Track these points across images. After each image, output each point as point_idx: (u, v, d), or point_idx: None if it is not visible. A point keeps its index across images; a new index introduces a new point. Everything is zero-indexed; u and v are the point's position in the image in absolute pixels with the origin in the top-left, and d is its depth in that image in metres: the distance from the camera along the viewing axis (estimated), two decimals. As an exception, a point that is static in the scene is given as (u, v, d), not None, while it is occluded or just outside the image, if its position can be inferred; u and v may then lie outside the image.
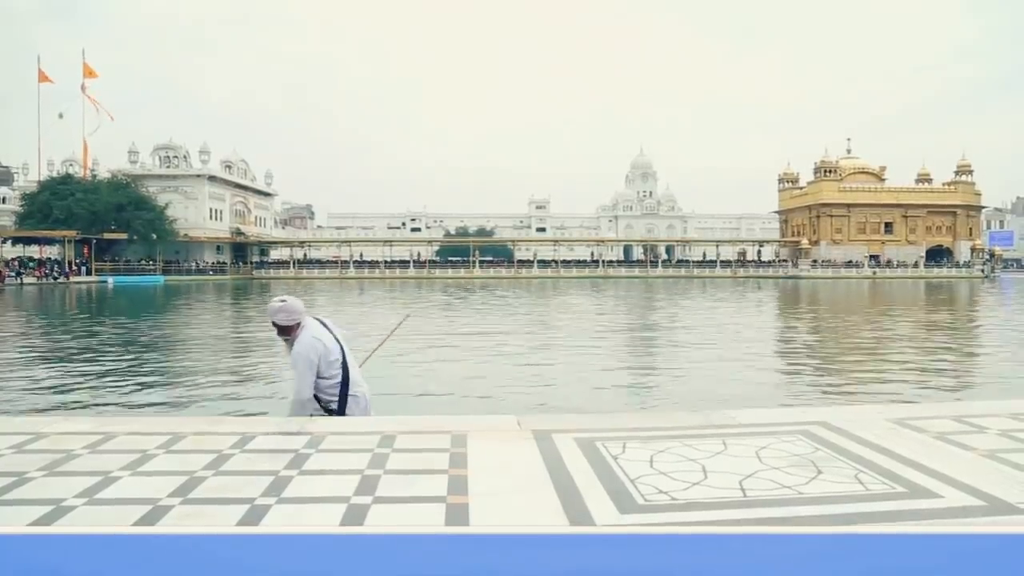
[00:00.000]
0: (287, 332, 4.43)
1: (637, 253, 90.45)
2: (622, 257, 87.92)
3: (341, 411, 4.41)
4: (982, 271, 72.97)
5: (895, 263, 74.92)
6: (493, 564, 1.94)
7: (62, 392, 8.68)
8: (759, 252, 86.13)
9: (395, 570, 1.87)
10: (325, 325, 4.52)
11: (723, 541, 2.16)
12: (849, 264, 73.88)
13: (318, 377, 4.34)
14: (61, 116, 66.49)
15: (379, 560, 1.97)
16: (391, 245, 79.97)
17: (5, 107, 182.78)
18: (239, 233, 75.91)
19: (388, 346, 6.67)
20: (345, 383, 4.40)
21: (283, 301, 4.44)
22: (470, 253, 77.41)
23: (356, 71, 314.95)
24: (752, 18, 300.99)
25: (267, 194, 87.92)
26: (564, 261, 77.46)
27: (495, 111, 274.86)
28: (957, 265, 75.10)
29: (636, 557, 2.00)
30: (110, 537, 2.28)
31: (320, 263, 75.64)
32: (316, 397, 4.40)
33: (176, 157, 72.23)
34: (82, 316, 23.60)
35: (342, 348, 4.43)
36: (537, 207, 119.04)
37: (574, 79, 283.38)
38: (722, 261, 77.22)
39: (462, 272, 72.01)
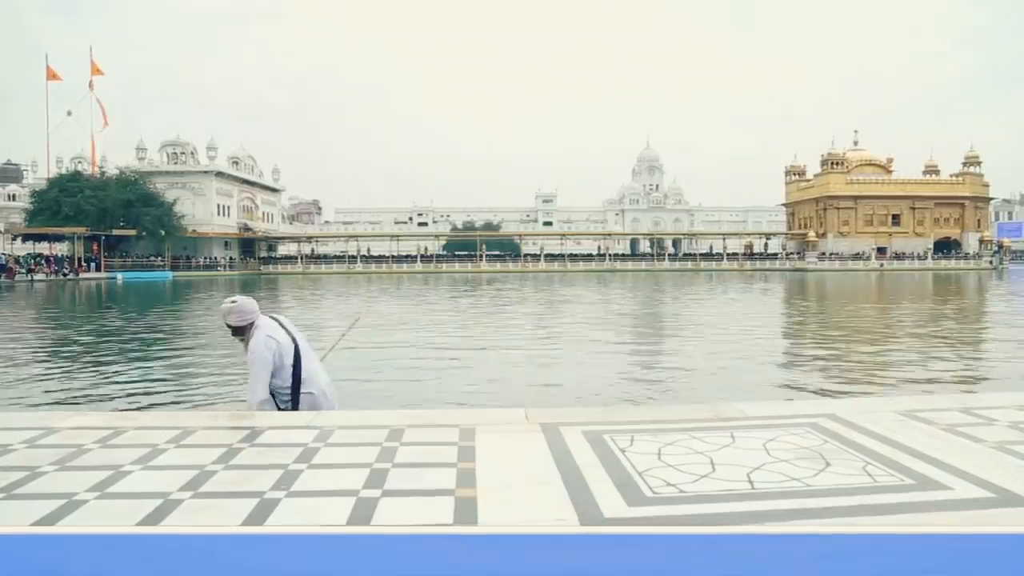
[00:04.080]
0: (241, 332, 4.44)
1: (644, 246, 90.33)
2: (628, 251, 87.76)
3: (294, 410, 4.40)
4: (990, 263, 72.55)
5: (903, 255, 74.55)
6: (499, 563, 1.95)
7: (73, 387, 8.73)
8: (766, 245, 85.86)
9: (402, 570, 1.88)
10: (280, 323, 4.51)
11: (729, 541, 2.17)
12: (856, 257, 73.53)
13: (273, 376, 4.34)
14: (70, 114, 66.79)
15: (386, 560, 1.97)
16: (398, 240, 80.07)
17: (14, 105, 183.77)
18: (247, 229, 76.14)
19: (392, 339, 6.66)
20: (296, 382, 4.38)
21: (234, 302, 4.43)
22: (477, 247, 77.49)
23: (362, 66, 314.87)
24: (756, 9, 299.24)
25: (274, 190, 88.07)
26: (571, 255, 77.39)
27: (501, 105, 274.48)
28: (965, 257, 74.66)
29: (642, 557, 2.00)
30: (111, 537, 2.30)
31: (328, 258, 75.77)
32: (272, 395, 4.40)
33: (183, 153, 72.41)
34: (94, 312, 23.73)
35: (296, 346, 4.41)
36: (544, 201, 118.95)
37: (580, 72, 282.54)
38: (729, 254, 77.03)
39: (469, 266, 72.08)
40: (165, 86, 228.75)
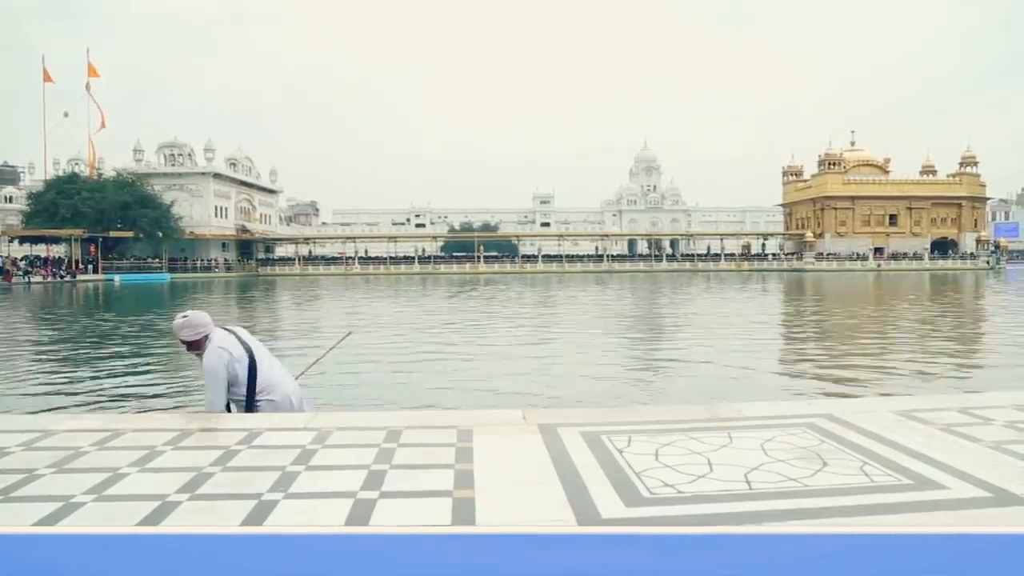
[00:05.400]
0: (196, 347, 4.44)
1: (641, 247, 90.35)
2: (626, 251, 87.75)
3: None
4: (987, 263, 72.71)
5: (900, 255, 74.68)
6: (497, 564, 1.96)
7: (70, 389, 8.71)
8: (763, 245, 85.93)
9: (400, 570, 1.88)
10: (236, 335, 4.53)
11: (727, 541, 2.17)
12: (854, 257, 73.65)
13: (231, 385, 4.36)
14: (67, 115, 66.61)
15: (384, 560, 1.98)
16: (396, 241, 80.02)
17: (11, 107, 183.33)
18: (244, 230, 76.04)
19: (390, 339, 6.63)
20: (251, 390, 4.39)
21: (185, 317, 4.44)
22: (475, 248, 77.48)
23: (359, 67, 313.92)
24: (754, 9, 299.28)
25: (272, 191, 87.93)
26: (568, 256, 77.39)
27: (499, 106, 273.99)
28: (962, 257, 74.82)
29: (640, 557, 2.01)
30: (110, 537, 2.30)
31: (325, 259, 75.71)
32: (228, 405, 4.43)
33: (181, 155, 72.29)
34: (91, 314, 23.68)
35: (251, 357, 4.41)
36: (541, 202, 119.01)
37: (577, 73, 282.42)
38: (726, 254, 77.10)
39: (467, 267, 72.05)
40: (162, 88, 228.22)
